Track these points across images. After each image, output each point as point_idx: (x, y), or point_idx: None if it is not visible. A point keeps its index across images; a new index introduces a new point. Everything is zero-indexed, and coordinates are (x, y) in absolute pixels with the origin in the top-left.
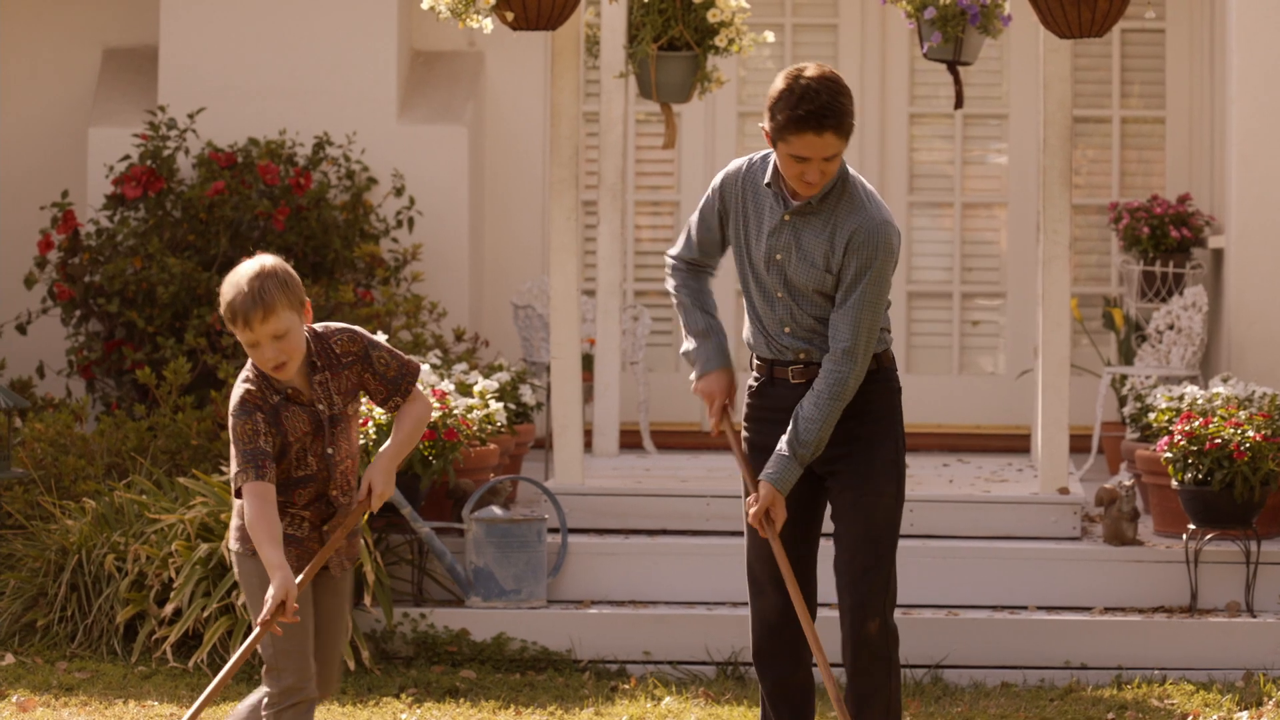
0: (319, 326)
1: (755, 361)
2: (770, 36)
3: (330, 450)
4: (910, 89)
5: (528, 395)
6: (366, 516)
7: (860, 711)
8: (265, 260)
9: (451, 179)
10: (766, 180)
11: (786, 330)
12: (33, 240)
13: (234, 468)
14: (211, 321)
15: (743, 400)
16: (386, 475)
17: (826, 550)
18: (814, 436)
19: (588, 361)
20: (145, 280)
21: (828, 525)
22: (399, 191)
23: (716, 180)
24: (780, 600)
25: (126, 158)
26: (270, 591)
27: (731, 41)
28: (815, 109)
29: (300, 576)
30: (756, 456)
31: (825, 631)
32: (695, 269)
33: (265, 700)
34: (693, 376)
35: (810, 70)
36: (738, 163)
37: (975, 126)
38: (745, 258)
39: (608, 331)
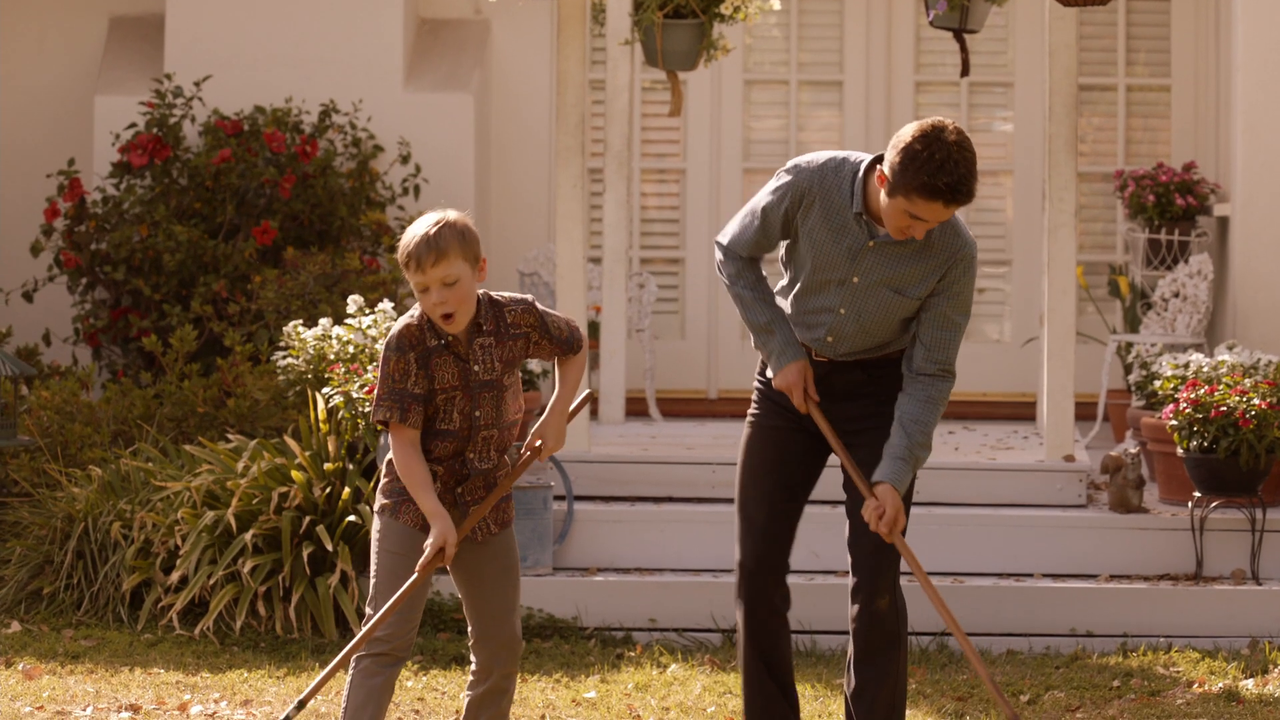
0: (497, 295)
1: None
2: (776, 4)
3: (478, 413)
4: (916, 57)
5: (534, 363)
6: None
7: (868, 687)
8: (448, 212)
9: (457, 147)
10: (857, 210)
11: (830, 339)
12: (39, 208)
13: (375, 401)
14: (218, 289)
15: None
16: (558, 430)
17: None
18: (928, 441)
19: (594, 329)
20: (151, 248)
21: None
22: (405, 159)
23: (788, 179)
24: (756, 548)
25: (133, 126)
26: (430, 539)
27: (737, 9)
28: (954, 182)
29: (463, 524)
30: (770, 406)
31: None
32: (751, 259)
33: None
34: (768, 373)
35: (950, 132)
36: (814, 162)
37: (981, 94)
38: (807, 267)
39: (614, 299)
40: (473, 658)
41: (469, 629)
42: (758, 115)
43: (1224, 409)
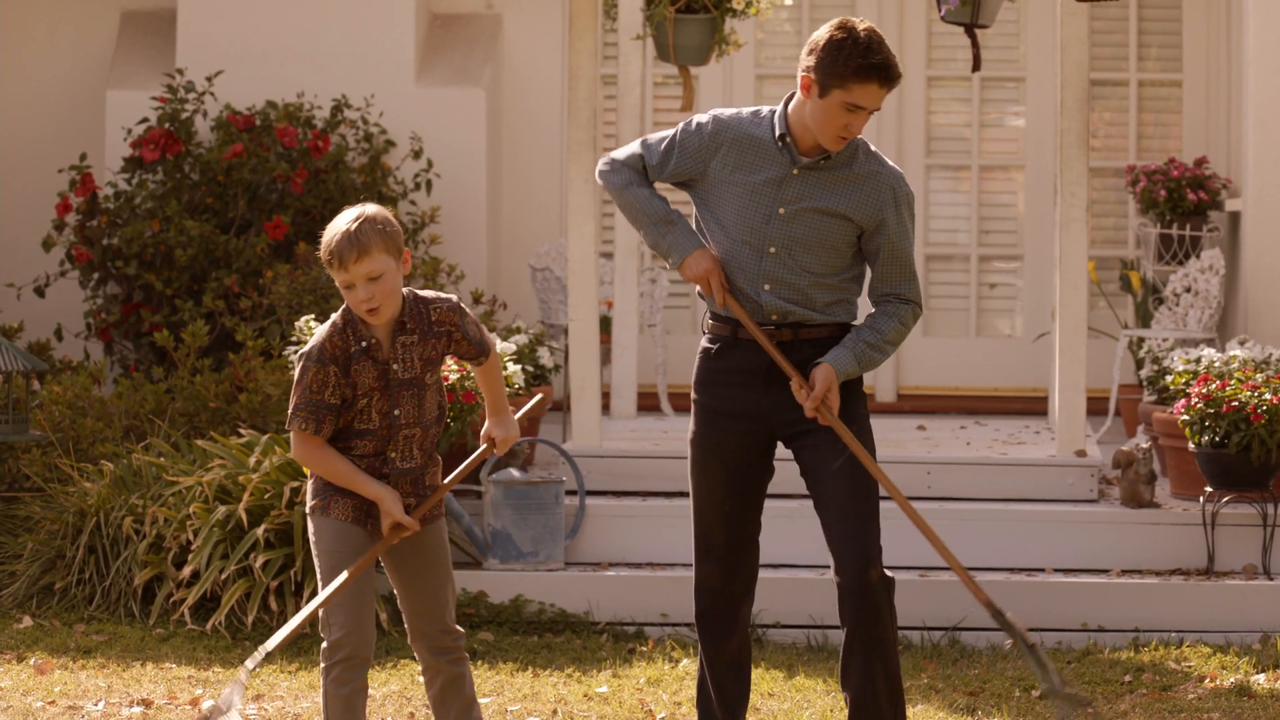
0: (424, 292)
1: (711, 322)
2: None
3: (397, 412)
4: (928, 51)
5: (546, 357)
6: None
7: (869, 658)
8: (367, 207)
9: (469, 142)
10: (779, 133)
11: (766, 288)
12: (51, 203)
13: (292, 409)
14: (229, 284)
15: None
16: (512, 427)
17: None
18: (881, 345)
19: (605, 324)
20: (163, 243)
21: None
22: (417, 154)
23: (708, 120)
24: (723, 567)
25: (144, 121)
26: (384, 518)
27: (749, 4)
28: (886, 59)
29: (416, 510)
30: (713, 420)
31: (832, 593)
32: (641, 173)
33: (322, 656)
34: (669, 263)
35: (861, 23)
36: (728, 111)
37: (993, 89)
38: (729, 212)
39: (625, 294)
40: (416, 656)
41: (405, 626)
42: None
43: (1235, 404)
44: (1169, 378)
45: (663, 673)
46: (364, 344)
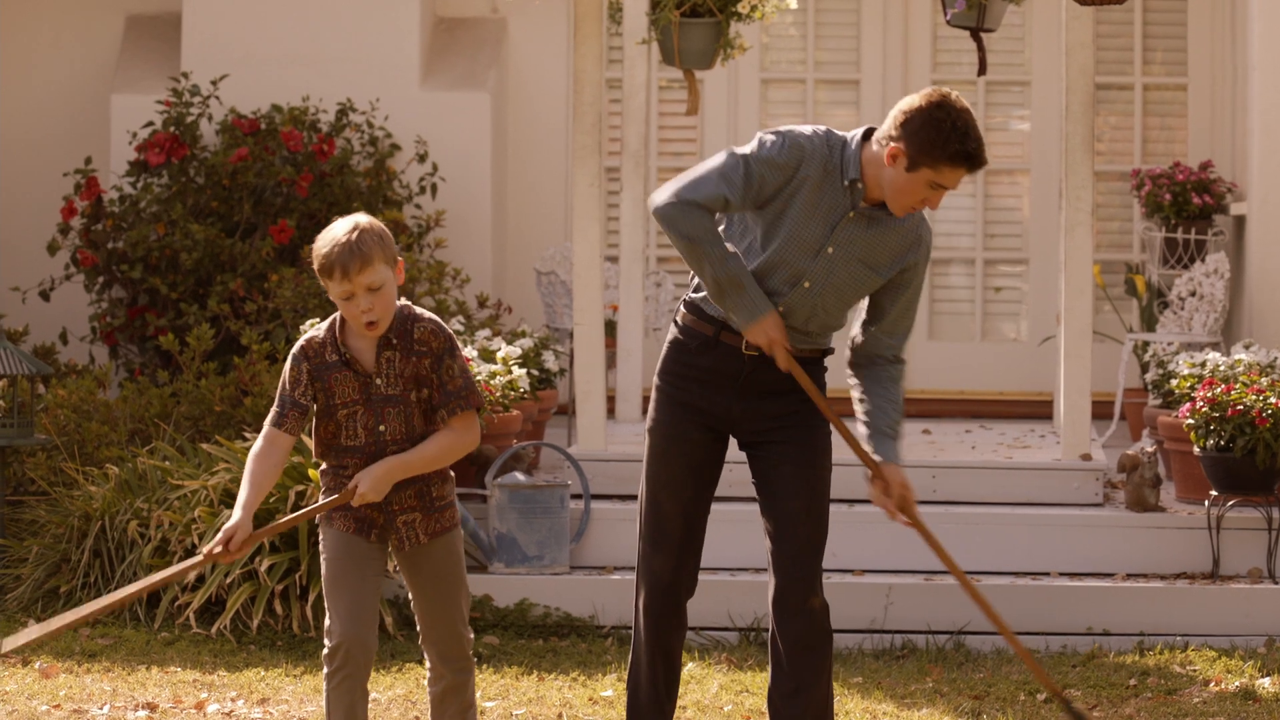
0: (417, 309)
1: (691, 317)
2: (793, 3)
3: (382, 428)
4: (933, 56)
5: (551, 361)
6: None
7: (804, 685)
8: (360, 217)
9: (474, 145)
10: (851, 176)
11: (780, 309)
12: (56, 207)
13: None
14: (234, 288)
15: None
16: (376, 482)
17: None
18: (902, 423)
19: (610, 328)
20: (168, 246)
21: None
22: (422, 158)
23: (780, 137)
24: (675, 561)
25: (150, 124)
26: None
27: (754, 8)
28: (980, 147)
29: (266, 529)
30: (678, 411)
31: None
32: (711, 216)
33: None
34: (733, 321)
35: (956, 99)
36: (813, 135)
37: (998, 93)
38: (781, 233)
39: (630, 298)
40: (425, 655)
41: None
42: (774, 114)
43: (1240, 407)
44: (1174, 381)
45: None
46: (342, 357)
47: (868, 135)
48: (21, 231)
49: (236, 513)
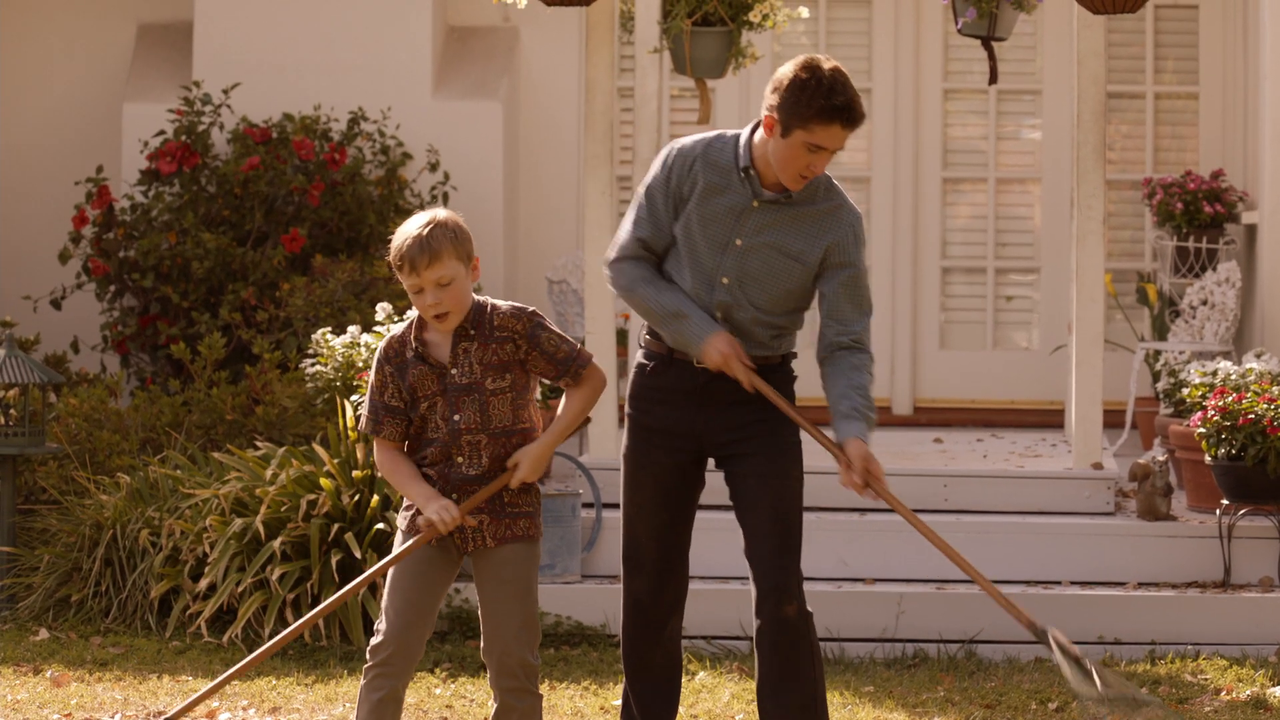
0: (495, 301)
1: (648, 338)
2: (805, 12)
3: (457, 417)
4: (944, 65)
5: None
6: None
7: (781, 694)
8: (438, 212)
9: (486, 154)
10: (744, 164)
11: (717, 316)
12: (67, 215)
13: (367, 412)
14: (246, 297)
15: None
16: (535, 461)
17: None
18: (873, 405)
19: (622, 337)
20: (180, 255)
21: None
22: (434, 167)
23: (664, 157)
24: (653, 583)
25: (161, 133)
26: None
27: (766, 17)
28: (849, 101)
29: (462, 504)
30: (645, 437)
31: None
32: (638, 259)
33: None
34: (695, 351)
35: (826, 62)
36: (689, 140)
37: (1009, 102)
38: (688, 240)
39: None
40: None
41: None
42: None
43: (1252, 416)
44: (1185, 390)
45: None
46: (417, 351)
47: (758, 126)
48: (33, 240)
49: (429, 502)
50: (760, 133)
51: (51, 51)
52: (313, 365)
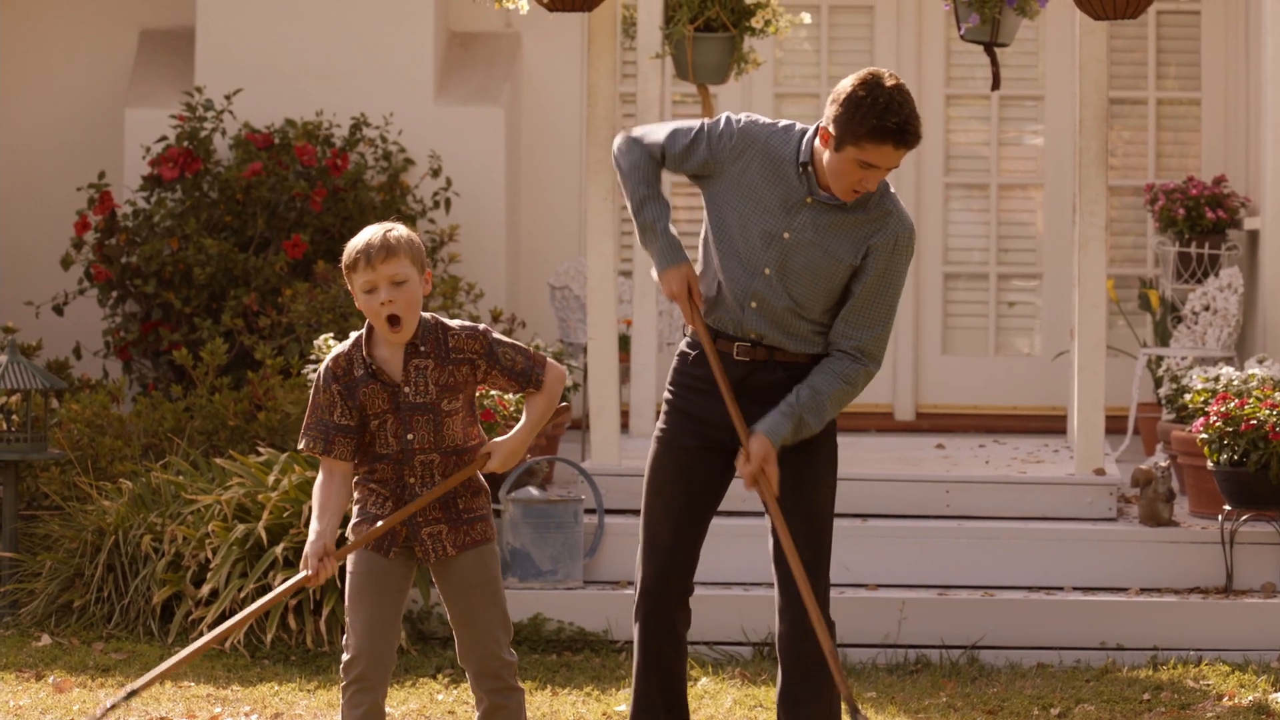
0: (447, 320)
1: (690, 329)
2: (807, 18)
3: (410, 436)
4: (947, 70)
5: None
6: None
7: (803, 700)
8: (394, 224)
9: (488, 160)
10: (803, 160)
11: (753, 305)
12: (69, 221)
13: (303, 427)
14: (248, 302)
15: (669, 366)
16: (508, 454)
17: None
18: (821, 411)
19: (624, 342)
20: (182, 261)
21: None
22: (436, 173)
23: (741, 122)
24: (661, 566)
25: (163, 139)
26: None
27: (768, 23)
28: (903, 122)
29: (345, 548)
30: (679, 421)
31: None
32: (656, 163)
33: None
34: (655, 268)
35: (888, 79)
36: (759, 123)
37: (1011, 108)
38: (734, 223)
39: (644, 313)
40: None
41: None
42: None
43: (1254, 422)
44: (1187, 396)
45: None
46: (369, 369)
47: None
48: (35, 246)
49: (313, 535)
50: (819, 135)
51: (54, 57)
52: (315, 371)
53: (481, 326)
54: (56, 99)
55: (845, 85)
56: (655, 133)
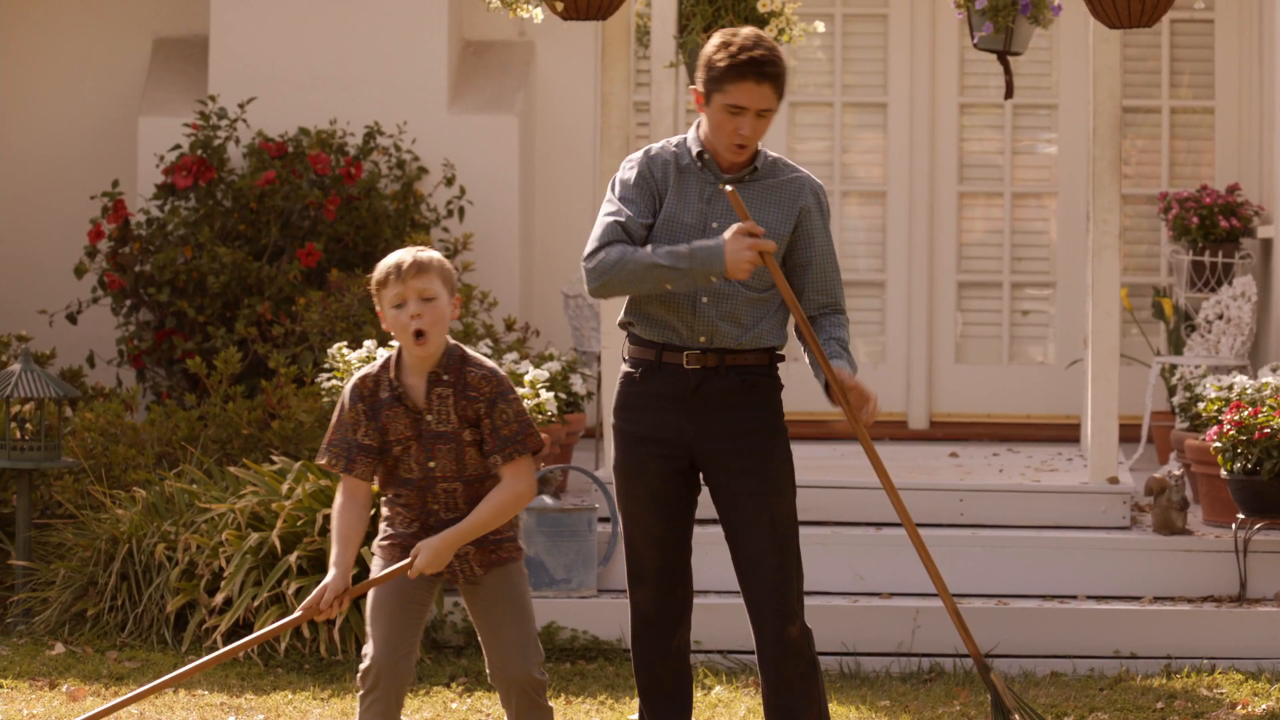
0: (472, 352)
1: (633, 347)
2: (821, 27)
3: (432, 464)
4: (960, 79)
5: (578, 385)
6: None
7: (791, 711)
8: (425, 247)
9: (502, 168)
10: (698, 151)
11: (704, 300)
12: (83, 229)
13: (324, 443)
14: (262, 311)
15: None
16: (435, 554)
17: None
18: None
19: None
20: (196, 270)
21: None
22: (450, 181)
23: (635, 159)
24: (656, 593)
25: (177, 147)
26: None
27: (782, 31)
28: (757, 57)
29: (358, 585)
30: (636, 447)
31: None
32: (628, 240)
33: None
34: (716, 279)
35: (743, 29)
36: (652, 146)
37: (1025, 116)
38: (667, 229)
39: None
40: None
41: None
42: (801, 137)
43: (1268, 431)
44: (1201, 404)
45: (695, 700)
46: (395, 393)
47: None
48: (48, 254)
49: (331, 570)
50: (701, 119)
51: (67, 65)
52: (329, 380)
53: (501, 374)
54: (70, 107)
55: (707, 45)
56: (599, 235)
